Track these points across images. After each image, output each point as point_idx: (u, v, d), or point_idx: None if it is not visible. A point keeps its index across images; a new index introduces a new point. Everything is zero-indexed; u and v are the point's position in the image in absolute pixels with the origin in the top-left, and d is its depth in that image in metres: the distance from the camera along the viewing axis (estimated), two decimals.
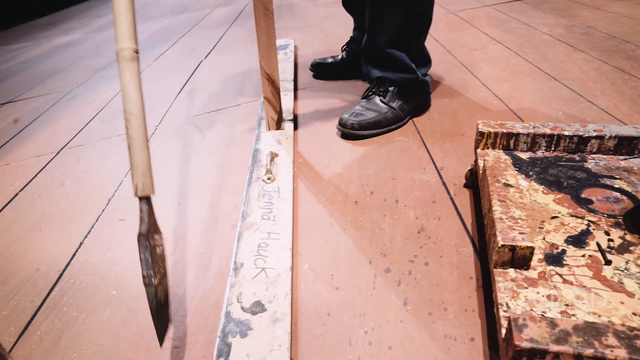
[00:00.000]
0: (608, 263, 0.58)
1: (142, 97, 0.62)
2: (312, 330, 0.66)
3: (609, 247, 0.60)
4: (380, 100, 1.18)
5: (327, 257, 0.79)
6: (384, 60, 1.18)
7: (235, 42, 2.26)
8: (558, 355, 0.42)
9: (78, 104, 1.73)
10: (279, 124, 1.18)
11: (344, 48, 1.56)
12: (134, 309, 0.75)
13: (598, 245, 0.61)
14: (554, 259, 0.60)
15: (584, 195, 0.70)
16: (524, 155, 0.81)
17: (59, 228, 0.98)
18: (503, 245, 0.57)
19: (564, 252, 0.61)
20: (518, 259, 0.58)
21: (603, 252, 0.59)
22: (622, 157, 0.78)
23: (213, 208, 0.96)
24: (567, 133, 0.79)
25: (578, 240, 0.62)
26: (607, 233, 0.63)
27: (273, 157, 1.05)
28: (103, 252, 0.89)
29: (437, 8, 2.27)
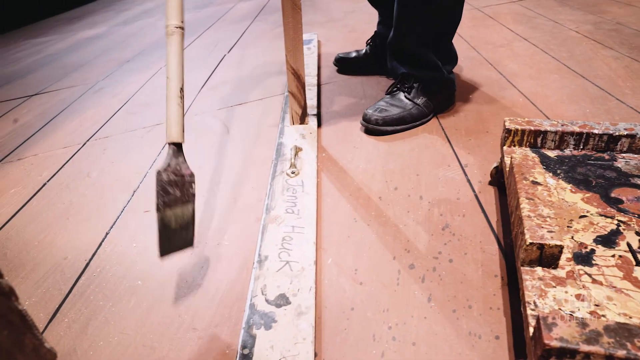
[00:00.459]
0: (639, 264, 0.57)
1: (179, 64, 0.74)
2: (335, 325, 0.66)
3: None
4: (405, 97, 1.17)
5: (350, 251, 0.79)
6: (410, 57, 1.18)
7: (259, 36, 2.27)
8: (588, 356, 0.41)
9: (104, 97, 1.75)
10: (303, 119, 1.19)
11: (369, 42, 1.56)
12: (160, 299, 0.76)
13: (629, 246, 0.60)
14: (583, 259, 0.59)
15: (614, 195, 0.69)
16: (552, 154, 0.80)
17: (86, 218, 1.00)
18: (531, 243, 0.56)
19: (593, 251, 0.60)
20: (546, 258, 0.57)
21: (634, 252, 0.59)
22: None
23: (237, 201, 0.97)
24: (596, 131, 0.77)
25: (608, 240, 0.61)
26: (637, 233, 0.62)
27: (297, 151, 1.05)
28: (128, 242, 0.91)
29: None
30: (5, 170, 1.28)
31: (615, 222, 0.64)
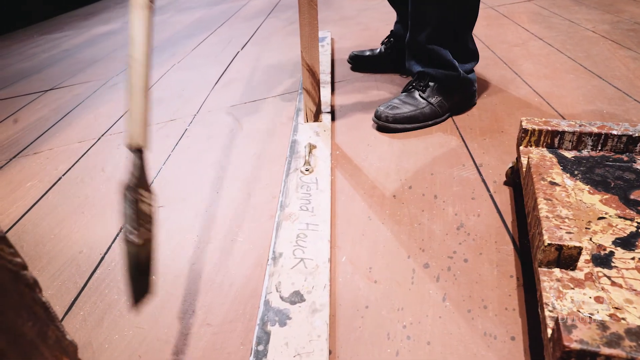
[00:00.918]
0: None
1: (149, 44, 0.59)
2: (350, 323, 0.66)
3: None
4: (420, 95, 1.17)
5: (365, 250, 0.79)
6: (426, 56, 1.17)
7: (272, 33, 2.27)
8: (609, 359, 0.41)
9: (118, 92, 1.76)
10: (317, 116, 1.19)
11: (384, 41, 1.55)
12: (173, 294, 0.76)
13: None
14: (602, 261, 0.58)
15: (633, 197, 0.68)
16: (569, 154, 0.79)
17: (100, 212, 1.01)
18: (549, 245, 0.56)
19: (612, 254, 0.59)
20: (564, 259, 0.57)
21: None
22: None
23: (251, 197, 0.97)
24: (615, 132, 0.76)
25: (627, 243, 0.60)
26: None
27: (311, 148, 1.05)
28: None
29: None
30: (22, 164, 1.30)
31: (635, 224, 0.63)
